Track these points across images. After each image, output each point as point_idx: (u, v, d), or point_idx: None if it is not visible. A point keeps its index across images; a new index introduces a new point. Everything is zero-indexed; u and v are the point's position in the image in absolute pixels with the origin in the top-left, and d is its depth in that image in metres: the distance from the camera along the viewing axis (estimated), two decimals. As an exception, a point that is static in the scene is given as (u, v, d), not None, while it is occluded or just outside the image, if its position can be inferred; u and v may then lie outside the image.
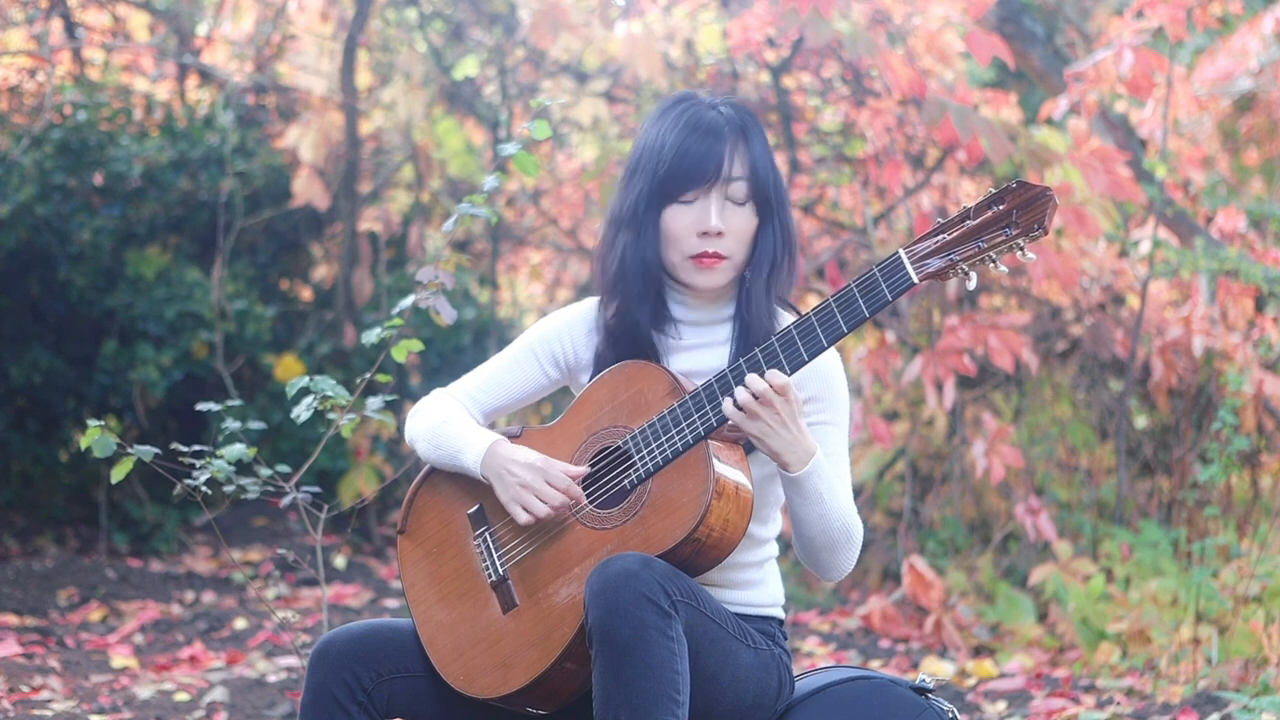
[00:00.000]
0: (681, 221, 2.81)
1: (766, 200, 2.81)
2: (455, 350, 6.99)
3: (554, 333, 2.95)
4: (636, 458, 2.72)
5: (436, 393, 2.99)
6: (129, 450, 3.43)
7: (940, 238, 2.60)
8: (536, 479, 2.75)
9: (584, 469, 2.77)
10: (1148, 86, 5.60)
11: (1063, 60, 6.49)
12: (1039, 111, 6.15)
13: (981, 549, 5.78)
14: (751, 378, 2.65)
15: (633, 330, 2.85)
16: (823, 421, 2.80)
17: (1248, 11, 7.20)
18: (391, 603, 5.79)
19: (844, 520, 2.73)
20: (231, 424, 3.60)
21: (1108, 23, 6.22)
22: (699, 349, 2.87)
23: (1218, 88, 7.22)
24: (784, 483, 2.71)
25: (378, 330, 3.53)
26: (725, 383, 2.68)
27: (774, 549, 2.90)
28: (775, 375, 2.64)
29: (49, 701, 4.33)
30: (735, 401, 2.66)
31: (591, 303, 2.97)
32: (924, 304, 5.97)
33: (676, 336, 2.88)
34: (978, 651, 5.17)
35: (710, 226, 2.78)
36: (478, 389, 2.96)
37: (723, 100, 2.87)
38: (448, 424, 2.88)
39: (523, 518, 2.76)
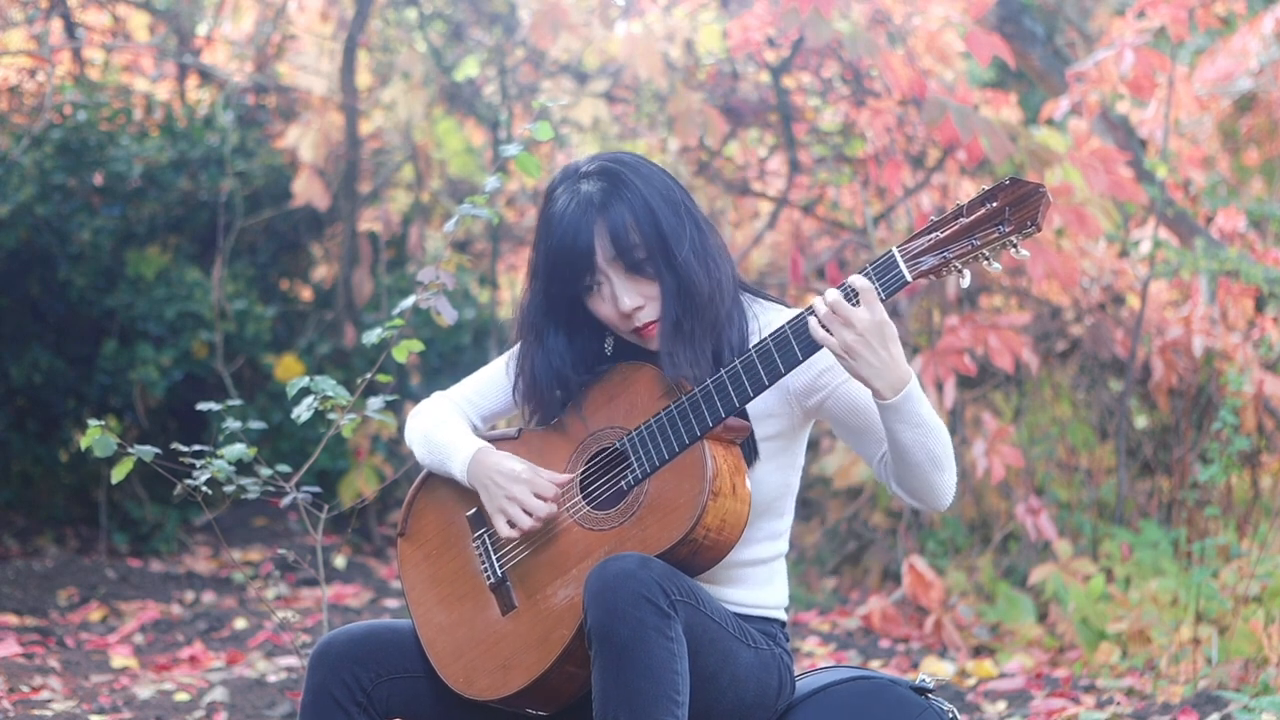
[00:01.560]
0: (603, 309, 2.78)
1: (647, 264, 2.74)
2: (455, 350, 6.99)
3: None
4: (633, 459, 2.72)
5: (436, 396, 3.00)
6: (129, 450, 3.43)
7: (934, 235, 2.60)
8: (522, 490, 2.75)
9: (570, 476, 2.76)
10: (1149, 86, 5.59)
11: (1063, 60, 6.49)
12: (1040, 112, 6.15)
13: (981, 549, 5.78)
14: (831, 294, 2.60)
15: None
16: (845, 380, 2.75)
17: (1250, 11, 7.20)
18: (391, 603, 5.79)
19: (943, 435, 2.68)
20: (232, 424, 3.60)
21: (1109, 23, 6.22)
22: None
23: (1218, 88, 7.22)
24: (883, 411, 2.64)
25: (378, 330, 3.53)
26: (721, 383, 2.68)
27: (784, 546, 2.87)
28: (858, 280, 2.59)
29: (49, 701, 4.33)
30: (818, 320, 2.61)
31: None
32: (924, 304, 5.96)
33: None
34: (978, 651, 5.17)
35: (623, 308, 2.75)
36: (476, 392, 2.98)
37: (595, 164, 2.78)
38: (440, 429, 2.89)
39: (506, 531, 2.75)
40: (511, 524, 2.75)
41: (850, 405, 2.76)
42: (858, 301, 2.59)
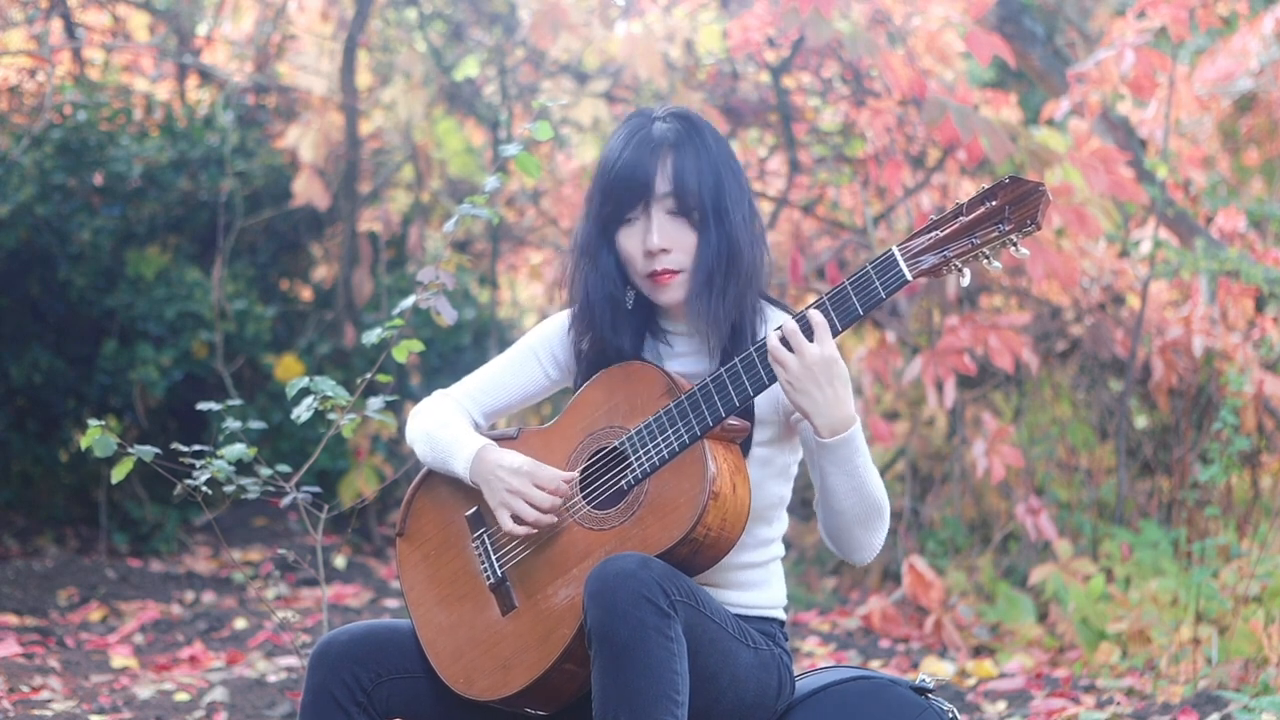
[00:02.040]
0: (630, 243, 2.81)
1: (698, 211, 2.78)
2: (455, 350, 6.99)
3: (555, 334, 2.95)
4: (633, 458, 2.72)
5: (437, 394, 3.00)
6: (129, 450, 3.43)
7: (934, 234, 2.60)
8: (524, 484, 2.75)
9: (573, 474, 2.77)
10: (1150, 87, 5.59)
11: (1063, 60, 6.49)
12: (1040, 112, 6.15)
13: (981, 549, 5.78)
14: (788, 323, 2.61)
15: (611, 353, 2.84)
16: None
17: (1252, 12, 7.19)
18: (391, 603, 5.79)
19: (876, 495, 2.69)
20: (232, 424, 3.60)
21: (1109, 23, 6.22)
22: (691, 355, 2.86)
23: (1218, 88, 7.22)
24: (817, 449, 2.66)
25: (378, 331, 3.53)
26: (721, 382, 2.68)
27: (779, 549, 2.89)
28: (814, 313, 2.61)
29: (49, 701, 4.33)
30: (768, 346, 2.62)
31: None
32: (924, 304, 5.96)
33: (669, 345, 2.88)
34: (978, 651, 5.17)
35: (650, 245, 2.77)
36: (479, 390, 2.97)
37: (669, 112, 2.84)
38: (443, 428, 2.89)
39: (509, 524, 2.76)
40: (516, 518, 2.75)
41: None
42: (812, 336, 2.61)
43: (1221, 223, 6.21)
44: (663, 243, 2.77)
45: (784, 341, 2.62)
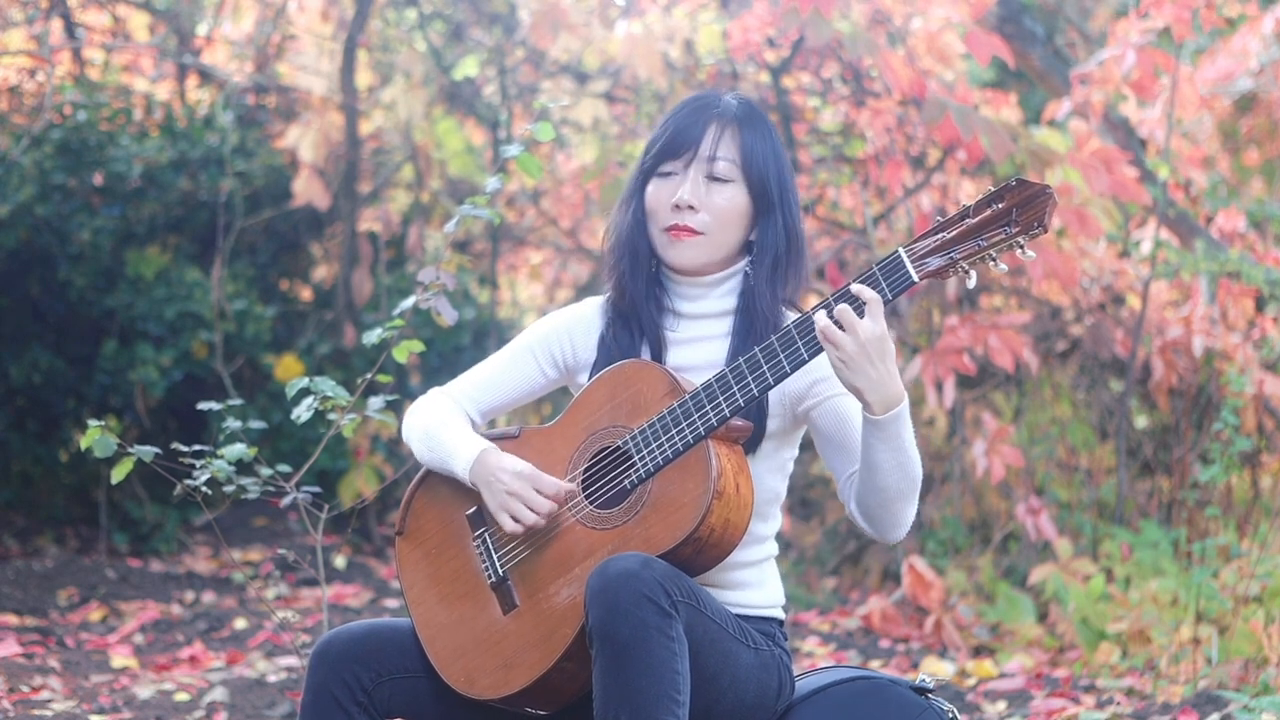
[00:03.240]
0: (659, 195, 2.85)
1: (765, 191, 2.83)
2: (455, 350, 6.99)
3: (553, 333, 2.95)
4: (636, 458, 2.72)
5: (434, 392, 2.99)
6: (129, 450, 3.43)
7: (940, 236, 2.60)
8: (525, 488, 2.75)
9: (574, 485, 2.77)
10: (1152, 87, 5.59)
11: (1063, 60, 6.48)
12: (1042, 112, 6.15)
13: (981, 549, 5.78)
14: (839, 307, 2.60)
15: (632, 304, 2.87)
16: (839, 393, 2.78)
17: (1262, 13, 7.19)
18: (391, 603, 5.79)
19: (917, 467, 2.69)
20: (232, 424, 3.60)
21: (1111, 23, 6.22)
22: (696, 342, 2.87)
23: (1218, 88, 7.22)
24: (867, 427, 2.65)
25: (378, 331, 3.53)
26: (725, 381, 2.68)
27: (773, 548, 2.89)
28: (865, 291, 2.60)
29: (49, 701, 4.33)
30: (819, 330, 2.61)
31: (591, 302, 2.97)
32: (924, 304, 5.96)
33: (673, 329, 2.88)
34: (978, 651, 5.17)
35: (681, 198, 2.81)
36: (476, 388, 2.96)
37: (738, 96, 2.90)
38: (441, 427, 2.88)
39: (510, 526, 2.76)
40: (515, 519, 2.75)
41: (838, 417, 2.77)
42: (862, 312, 2.60)
43: (1221, 223, 6.21)
44: (692, 200, 2.81)
45: (835, 321, 2.60)
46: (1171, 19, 5.44)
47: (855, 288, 2.61)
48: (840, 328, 2.59)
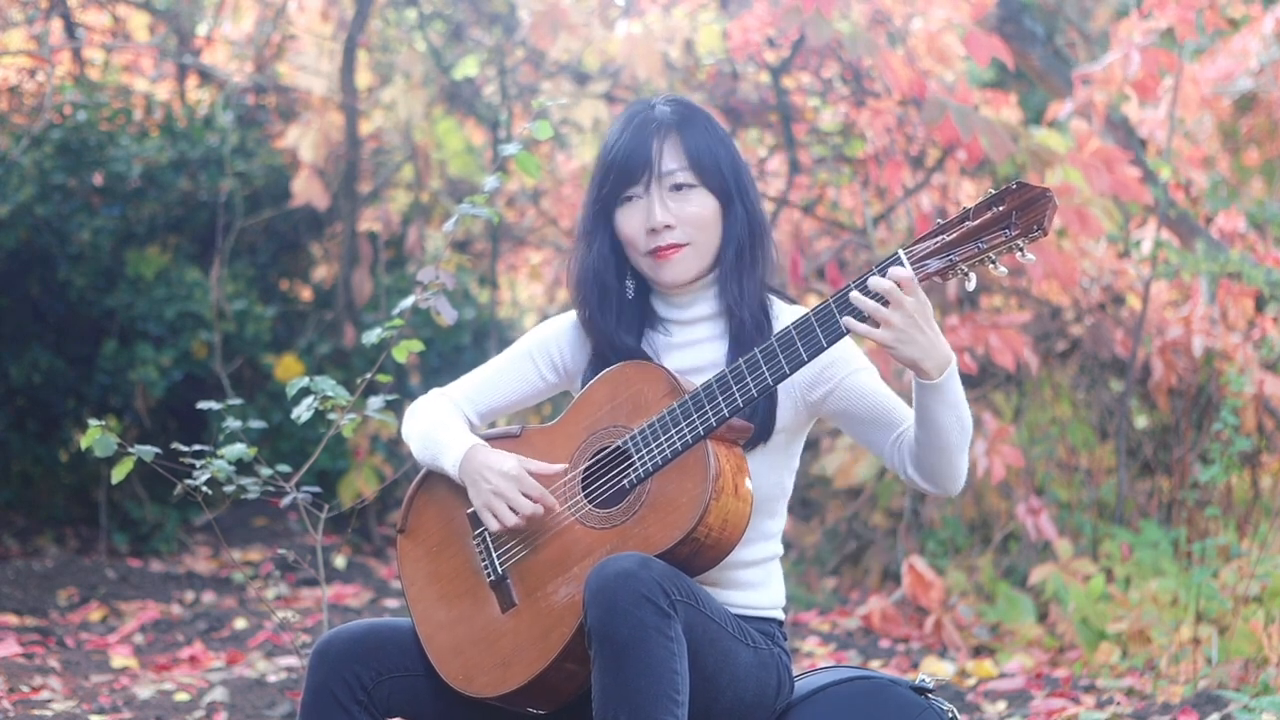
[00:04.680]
0: (631, 223, 2.83)
1: (723, 185, 2.82)
2: (455, 350, 6.99)
3: (552, 338, 2.96)
4: (636, 457, 2.72)
5: (434, 393, 3.00)
6: (129, 450, 3.43)
7: (940, 238, 2.60)
8: (510, 487, 2.76)
9: (560, 467, 2.77)
10: (1155, 87, 5.59)
11: (1063, 60, 6.48)
12: (1044, 113, 6.14)
13: (981, 549, 5.78)
14: (874, 279, 2.58)
15: (606, 338, 2.86)
16: (851, 371, 2.78)
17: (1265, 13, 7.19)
18: (391, 603, 5.79)
19: (969, 417, 2.69)
20: (232, 424, 3.60)
21: (1112, 24, 6.22)
22: (693, 345, 2.87)
23: (1218, 88, 7.22)
24: (924, 393, 2.63)
25: (378, 330, 3.53)
26: (725, 382, 2.68)
27: (778, 548, 2.89)
28: (898, 270, 2.58)
29: (49, 701, 4.33)
30: (860, 313, 2.58)
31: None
32: (924, 304, 5.95)
33: (666, 334, 2.88)
34: (978, 651, 5.17)
35: (654, 222, 2.80)
36: (475, 390, 2.97)
37: (667, 99, 2.88)
38: (436, 427, 2.89)
39: (494, 525, 2.77)
40: (497, 518, 2.76)
41: (859, 394, 2.77)
42: (900, 289, 2.59)
43: (1222, 223, 6.21)
44: (665, 218, 2.79)
45: (876, 299, 2.58)
46: (1175, 19, 5.44)
47: (891, 269, 2.58)
48: (890, 304, 2.58)
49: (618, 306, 2.86)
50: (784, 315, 2.86)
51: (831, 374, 2.78)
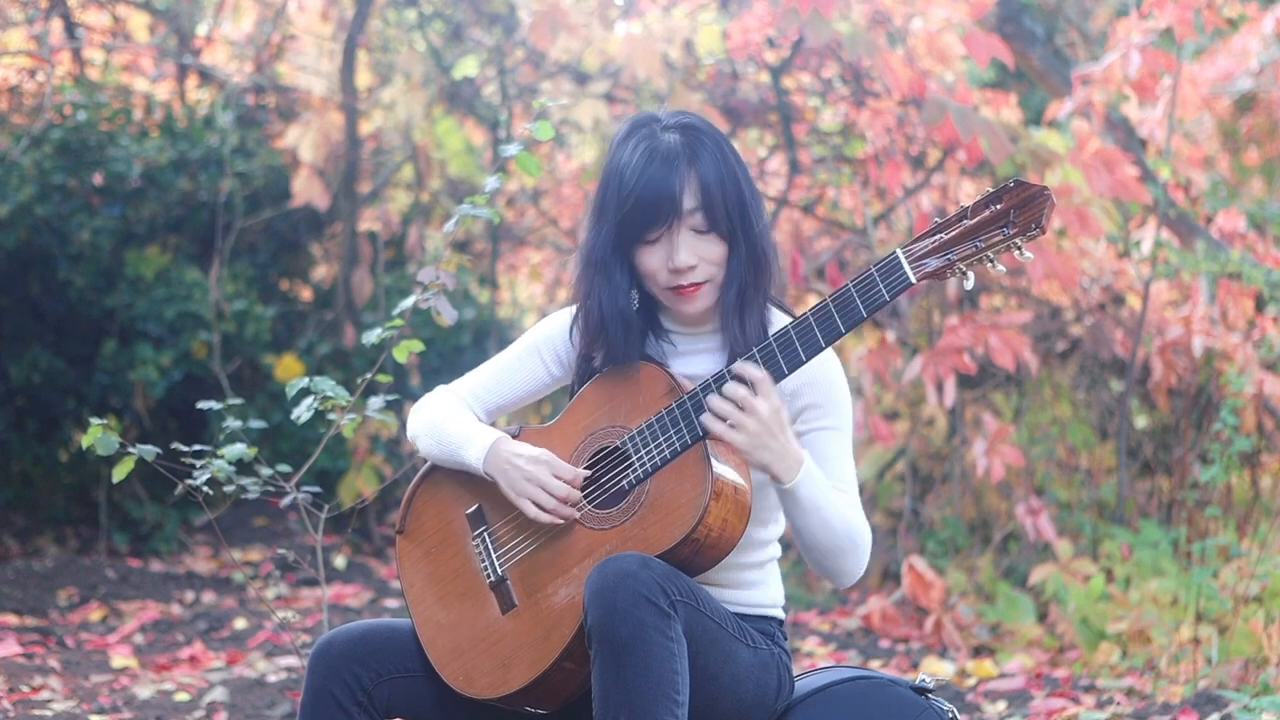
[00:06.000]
0: (652, 262, 2.78)
1: (727, 227, 2.77)
2: (455, 350, 7.00)
3: (558, 332, 2.95)
4: (635, 458, 2.72)
5: (439, 390, 2.99)
6: (130, 450, 3.43)
7: (938, 237, 2.60)
8: (543, 471, 2.75)
9: (585, 471, 2.77)
10: (1154, 87, 5.59)
11: (1063, 60, 6.48)
12: (1044, 113, 6.14)
13: (981, 549, 5.78)
14: (730, 385, 2.62)
15: (619, 360, 2.83)
16: (824, 427, 2.78)
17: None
18: (391, 603, 5.79)
19: (847, 525, 2.69)
20: (232, 423, 3.60)
21: (1113, 24, 6.21)
22: (695, 354, 2.86)
23: (1217, 88, 7.22)
24: (780, 496, 2.68)
25: (378, 331, 3.53)
26: (723, 381, 2.68)
27: (776, 550, 2.89)
28: (750, 369, 2.62)
29: (49, 701, 4.33)
30: (715, 412, 2.63)
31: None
32: (924, 304, 5.97)
33: (671, 345, 2.88)
34: (978, 651, 5.17)
35: (678, 264, 2.76)
36: (481, 386, 2.96)
37: (675, 119, 2.81)
38: (450, 421, 2.88)
39: (532, 511, 2.74)
40: (537, 504, 2.74)
41: (815, 455, 2.76)
42: (754, 392, 2.62)
43: (1222, 223, 6.21)
44: (689, 260, 2.76)
45: (734, 407, 2.61)
46: (1174, 19, 5.44)
47: (738, 367, 2.63)
48: (742, 412, 2.61)
49: (636, 335, 2.83)
50: (777, 319, 2.85)
51: (807, 418, 2.78)
